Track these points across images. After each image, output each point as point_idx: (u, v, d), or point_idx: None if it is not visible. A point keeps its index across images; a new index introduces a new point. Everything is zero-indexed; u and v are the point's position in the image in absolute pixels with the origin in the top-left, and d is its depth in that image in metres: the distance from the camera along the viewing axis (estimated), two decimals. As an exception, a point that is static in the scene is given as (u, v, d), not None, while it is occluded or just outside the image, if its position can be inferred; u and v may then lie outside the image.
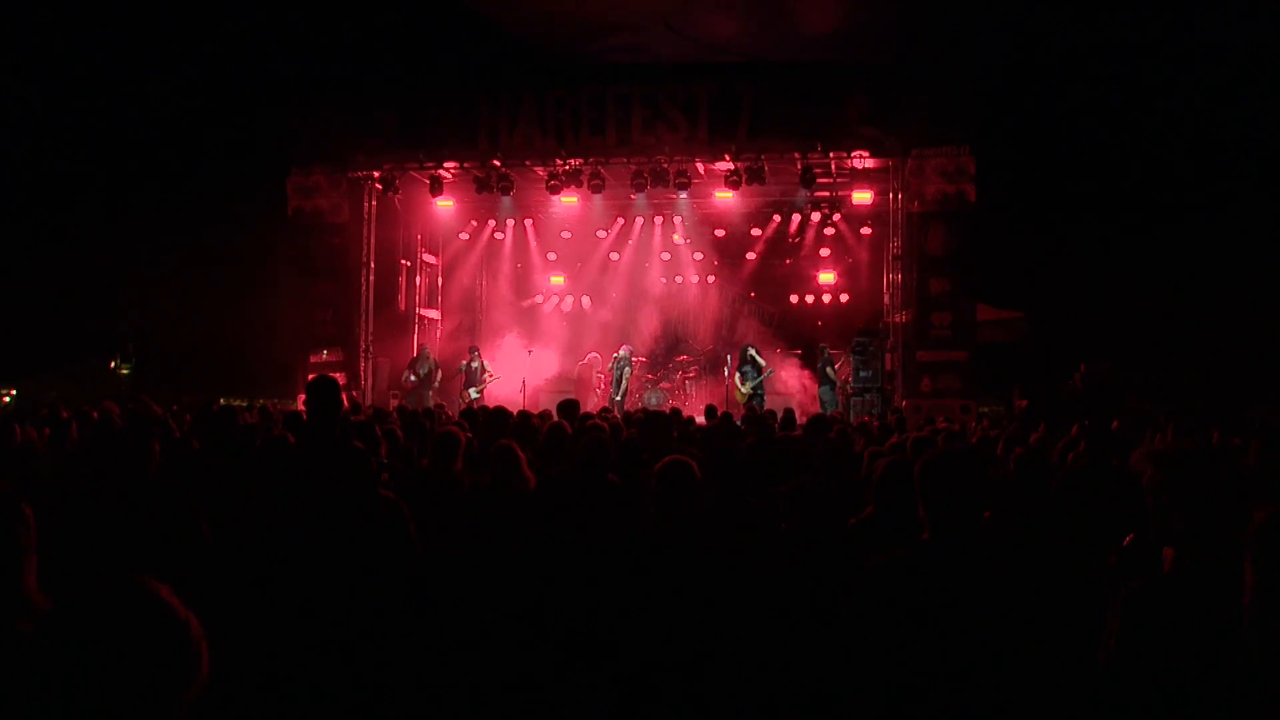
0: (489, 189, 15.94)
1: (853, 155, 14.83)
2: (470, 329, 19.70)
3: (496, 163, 15.60)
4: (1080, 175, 19.07)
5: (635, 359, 17.97)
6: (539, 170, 15.98)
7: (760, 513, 3.96)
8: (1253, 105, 17.82)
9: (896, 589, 2.73)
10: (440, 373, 17.27)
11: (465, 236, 19.39)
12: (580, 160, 15.31)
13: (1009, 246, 17.36)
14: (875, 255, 18.07)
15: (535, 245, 19.89)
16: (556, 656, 3.70)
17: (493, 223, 19.33)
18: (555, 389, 16.49)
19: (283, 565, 3.67)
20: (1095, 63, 18.25)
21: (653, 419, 7.41)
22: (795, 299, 20.07)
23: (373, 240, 16.54)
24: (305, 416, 4.90)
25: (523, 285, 20.61)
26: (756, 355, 17.02)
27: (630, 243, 19.63)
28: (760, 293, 20.33)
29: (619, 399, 16.94)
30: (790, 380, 17.61)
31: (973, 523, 2.77)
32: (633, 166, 15.19)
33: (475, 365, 17.20)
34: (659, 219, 19.17)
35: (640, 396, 18.15)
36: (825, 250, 19.08)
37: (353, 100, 15.88)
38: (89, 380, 18.96)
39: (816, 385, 16.81)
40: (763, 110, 14.44)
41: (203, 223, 19.04)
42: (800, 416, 10.09)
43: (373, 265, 16.53)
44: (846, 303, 19.42)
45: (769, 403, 15.65)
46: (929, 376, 14.12)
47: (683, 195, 16.22)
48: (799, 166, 14.94)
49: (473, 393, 16.71)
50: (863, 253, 18.77)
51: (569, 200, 16.63)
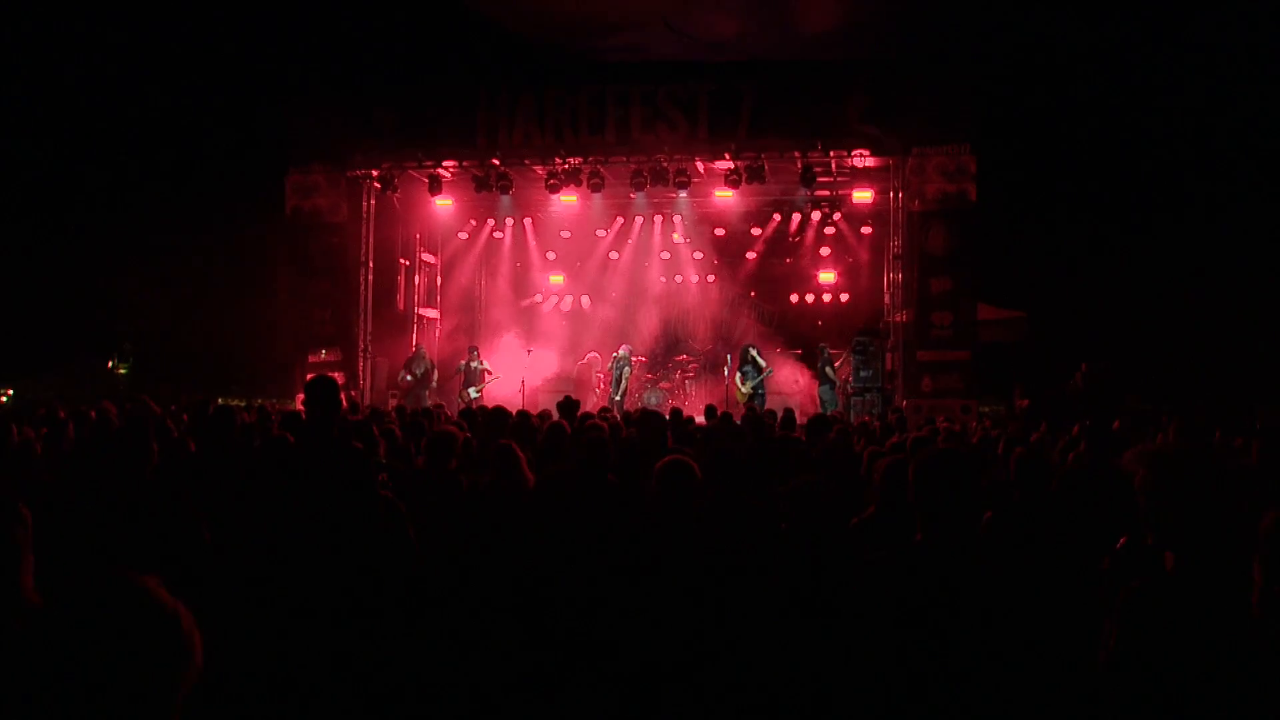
0: (488, 188, 15.91)
1: (853, 154, 14.80)
2: (469, 328, 19.64)
3: (495, 162, 15.58)
4: (1081, 174, 19.08)
5: (635, 358, 17.93)
6: (538, 169, 15.93)
7: (760, 513, 3.94)
8: (1252, 105, 17.82)
9: (891, 588, 2.73)
10: (437, 372, 17.25)
11: (464, 236, 19.35)
12: (580, 159, 15.29)
13: (1010, 246, 17.36)
14: (876, 254, 18.02)
15: (534, 244, 19.85)
16: (556, 657, 3.68)
17: (492, 222, 19.29)
18: (554, 388, 16.46)
19: (281, 565, 3.65)
20: (1096, 62, 18.26)
21: (646, 419, 7.38)
22: (795, 298, 20.02)
23: (371, 239, 16.51)
24: (304, 416, 4.88)
25: (522, 284, 20.56)
26: (757, 355, 16.98)
27: (630, 242, 19.59)
28: (760, 292, 20.28)
29: (618, 399, 16.90)
30: (790, 380, 17.58)
31: (966, 522, 2.76)
32: (632, 165, 15.16)
33: (474, 365, 17.17)
34: (658, 218, 19.13)
35: (640, 396, 18.12)
36: (825, 249, 19.04)
37: (351, 99, 15.84)
38: (86, 380, 18.92)
39: (816, 385, 16.78)
40: (762, 109, 14.40)
41: (201, 222, 19.03)
42: (800, 416, 10.08)
43: (371, 264, 16.50)
44: (847, 302, 19.38)
45: (769, 403, 15.61)
46: (930, 376, 14.10)
47: (682, 194, 16.19)
48: (799, 165, 14.91)
49: (472, 392, 16.68)
50: (863, 252, 18.73)
51: (568, 199, 16.61)
